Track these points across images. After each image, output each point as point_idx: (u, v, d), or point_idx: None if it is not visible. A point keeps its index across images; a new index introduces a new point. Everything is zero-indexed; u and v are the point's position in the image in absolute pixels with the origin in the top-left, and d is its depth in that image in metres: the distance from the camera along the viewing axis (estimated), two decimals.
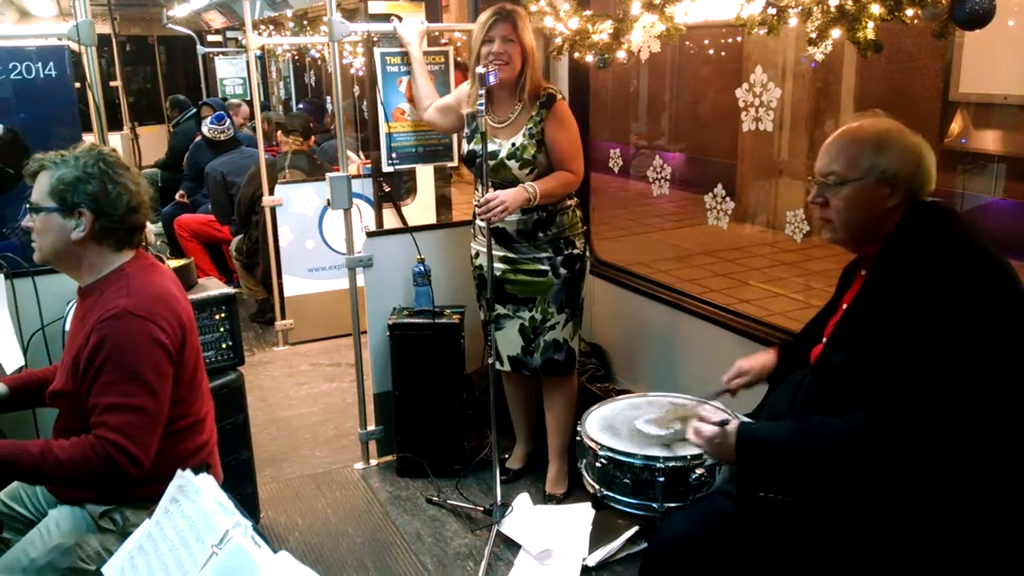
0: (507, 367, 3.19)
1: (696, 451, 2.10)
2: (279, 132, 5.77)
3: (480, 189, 3.08)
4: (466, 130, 3.14)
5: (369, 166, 5.00)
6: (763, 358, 2.16)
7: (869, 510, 1.67)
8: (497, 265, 3.04)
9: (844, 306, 1.87)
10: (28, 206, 1.97)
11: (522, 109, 2.99)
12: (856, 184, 1.74)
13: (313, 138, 5.87)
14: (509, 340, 3.14)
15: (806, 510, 1.74)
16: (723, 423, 1.81)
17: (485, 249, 3.00)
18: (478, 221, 3.09)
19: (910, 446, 1.58)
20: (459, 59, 3.96)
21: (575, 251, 3.05)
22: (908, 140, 1.74)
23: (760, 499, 1.79)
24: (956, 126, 5.26)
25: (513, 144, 2.96)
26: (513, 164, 2.96)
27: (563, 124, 2.96)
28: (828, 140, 1.82)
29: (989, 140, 5.22)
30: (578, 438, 2.30)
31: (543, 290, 3.05)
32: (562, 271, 3.03)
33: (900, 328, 1.61)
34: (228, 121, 6.12)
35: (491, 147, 2.99)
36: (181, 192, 6.47)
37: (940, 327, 1.57)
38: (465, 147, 3.15)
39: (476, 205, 3.10)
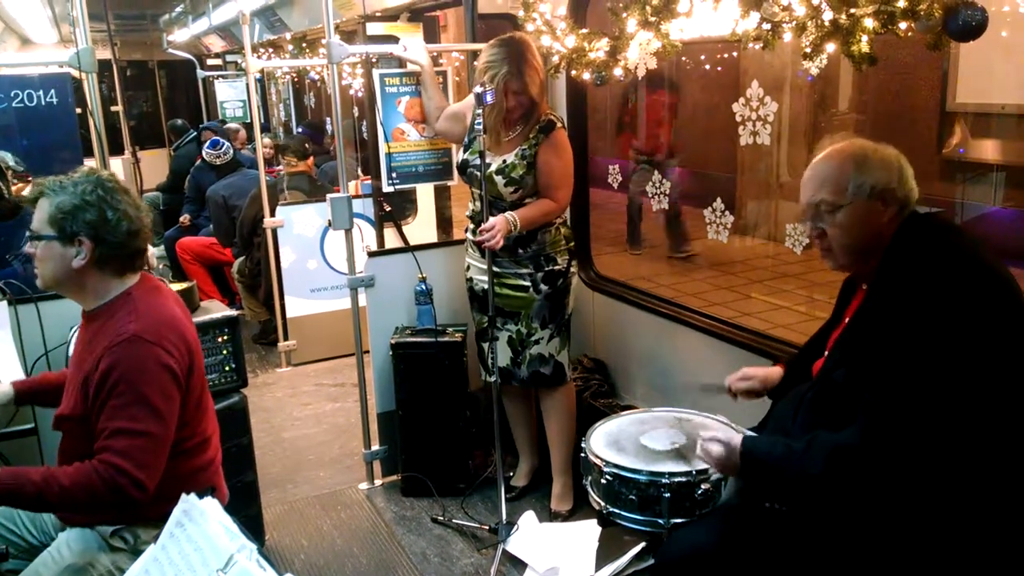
0: (496, 378, 3.19)
1: (701, 465, 2.10)
2: (281, 155, 5.81)
3: (474, 202, 3.13)
4: (466, 138, 3.17)
5: (368, 182, 5.03)
6: (769, 370, 2.17)
7: (873, 523, 1.67)
8: (484, 278, 3.06)
9: (846, 320, 1.88)
10: (28, 233, 1.97)
11: (522, 130, 3.03)
12: (849, 208, 1.75)
13: (311, 159, 5.90)
14: (499, 351, 3.15)
15: (812, 524, 1.74)
16: (727, 444, 1.83)
17: (476, 263, 3.05)
18: (469, 236, 3.16)
19: (905, 458, 1.58)
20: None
21: (556, 267, 3.08)
22: (884, 153, 1.76)
23: (766, 510, 1.80)
24: (954, 136, 5.28)
25: (504, 161, 3.01)
26: (500, 180, 3.00)
27: (556, 151, 3.00)
28: (806, 173, 1.83)
29: (988, 149, 5.23)
30: (583, 454, 2.29)
31: (526, 305, 3.09)
32: (543, 287, 3.06)
33: (899, 342, 1.61)
34: (225, 145, 6.15)
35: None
36: (185, 216, 6.49)
37: (938, 341, 1.58)
38: (460, 155, 3.19)
39: (469, 218, 3.15)
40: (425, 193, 5.35)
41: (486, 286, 3.05)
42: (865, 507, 1.67)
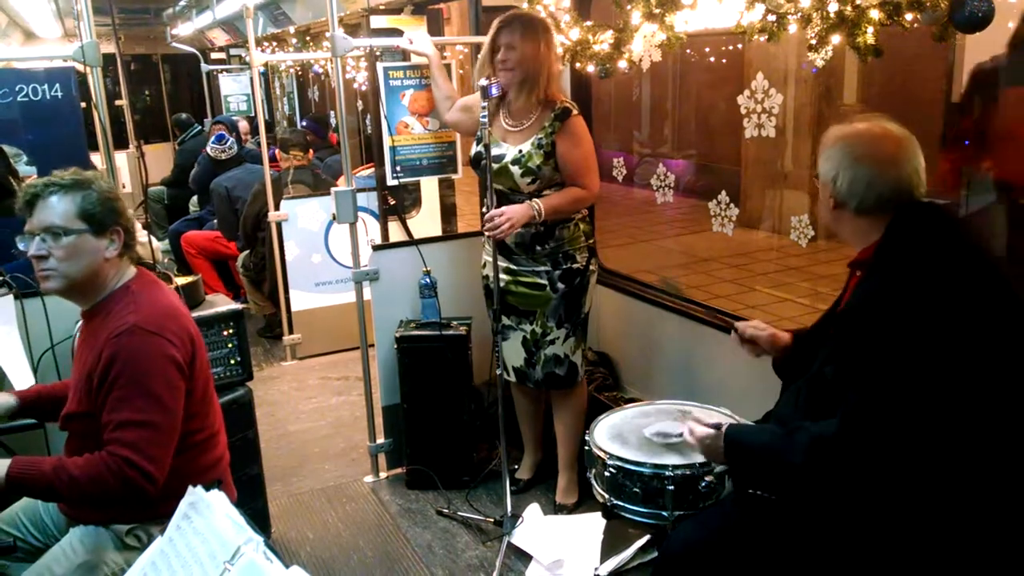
0: (513, 378, 3.19)
1: (702, 458, 2.10)
2: (278, 150, 5.81)
3: (488, 200, 3.09)
4: (479, 131, 3.14)
5: (364, 172, 5.04)
6: (780, 332, 2.14)
7: (864, 515, 1.67)
8: (501, 276, 3.05)
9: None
10: (46, 231, 1.91)
11: (536, 118, 2.96)
12: (819, 181, 1.83)
13: (312, 151, 5.90)
14: (514, 351, 3.13)
15: (813, 517, 1.74)
16: (717, 426, 1.86)
17: (492, 261, 3.01)
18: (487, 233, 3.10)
19: (886, 451, 1.58)
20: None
21: (575, 265, 3.02)
22: (837, 149, 1.76)
23: (756, 497, 1.82)
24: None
25: (520, 151, 2.95)
26: (516, 170, 2.94)
27: (575, 139, 2.93)
28: None
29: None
30: (587, 447, 2.30)
31: (542, 303, 3.04)
32: (560, 286, 3.01)
33: (876, 337, 1.60)
34: (229, 140, 6.15)
35: (498, 151, 2.98)
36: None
37: (915, 338, 1.57)
38: (474, 148, 3.12)
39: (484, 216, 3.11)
40: (429, 186, 5.35)
41: (502, 284, 3.04)
42: (848, 499, 1.67)
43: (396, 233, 4.82)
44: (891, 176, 1.72)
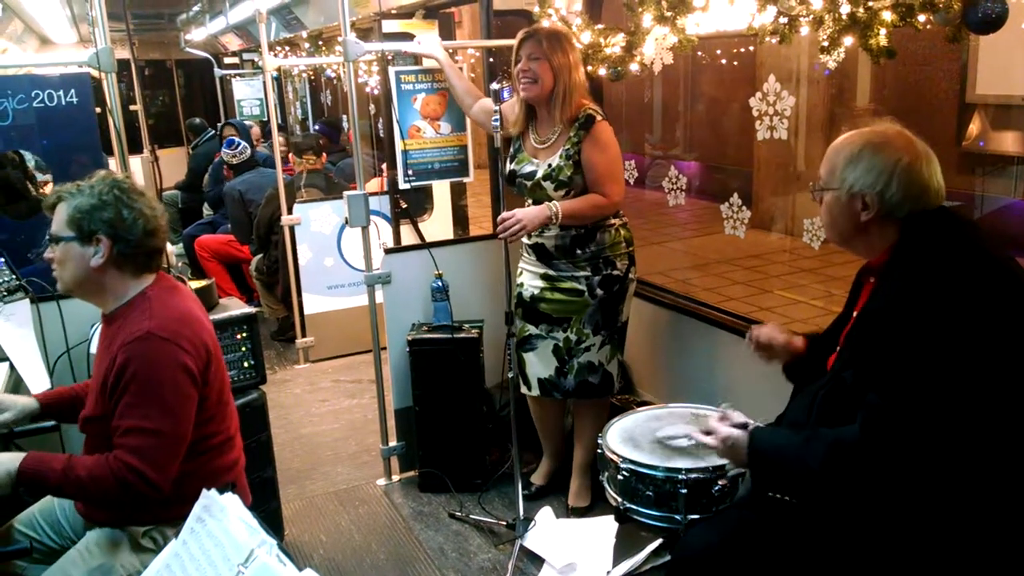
0: (536, 391, 3.13)
1: (719, 461, 2.10)
2: (291, 154, 5.83)
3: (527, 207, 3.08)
4: (511, 149, 3.13)
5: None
6: (794, 338, 2.12)
7: (880, 520, 1.66)
8: (536, 283, 3.04)
9: (854, 315, 1.87)
10: (48, 238, 1.99)
11: (561, 130, 2.95)
12: (833, 194, 1.78)
13: (325, 155, 5.93)
14: (542, 361, 3.09)
15: (827, 521, 1.73)
16: (743, 425, 1.83)
17: (530, 268, 3.03)
18: (524, 240, 3.07)
19: (906, 456, 1.57)
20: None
21: (615, 272, 2.98)
22: (882, 157, 1.70)
23: (772, 500, 1.81)
24: (974, 128, 5.23)
25: (550, 165, 2.94)
26: (549, 185, 2.93)
27: (600, 145, 2.89)
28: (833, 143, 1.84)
29: (1008, 141, 5.18)
30: (599, 451, 2.30)
31: (578, 310, 3.00)
32: (599, 292, 2.98)
33: (900, 339, 1.59)
34: (241, 144, 6.20)
35: (529, 168, 3.00)
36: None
37: (940, 338, 1.56)
38: (508, 166, 3.10)
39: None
40: (441, 190, 5.36)
41: (536, 292, 3.03)
42: (867, 504, 1.66)
43: (408, 237, 4.83)
44: (926, 178, 1.71)
